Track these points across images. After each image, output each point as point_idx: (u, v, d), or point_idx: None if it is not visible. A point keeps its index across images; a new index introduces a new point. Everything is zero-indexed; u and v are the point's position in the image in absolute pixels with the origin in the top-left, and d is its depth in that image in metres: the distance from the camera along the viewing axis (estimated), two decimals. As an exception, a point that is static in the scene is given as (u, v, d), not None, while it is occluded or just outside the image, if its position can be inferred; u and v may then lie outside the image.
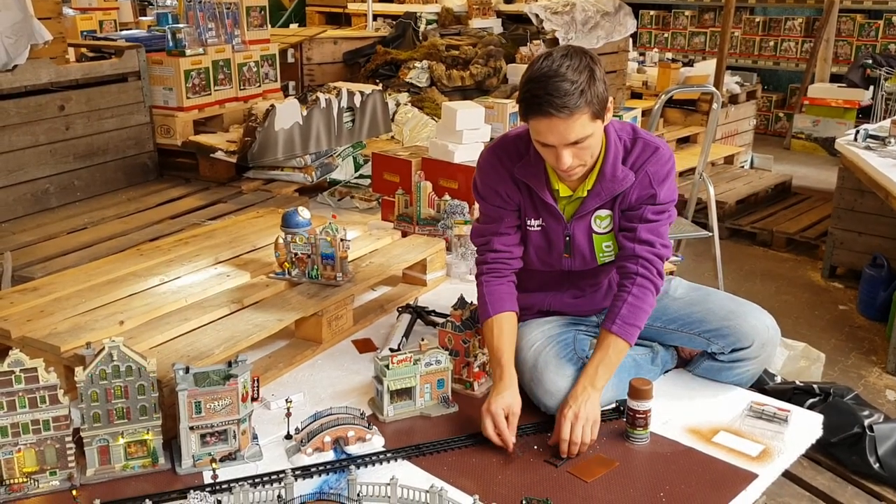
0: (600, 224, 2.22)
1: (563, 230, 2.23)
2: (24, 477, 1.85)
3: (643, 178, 2.15)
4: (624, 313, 2.15)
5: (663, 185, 2.16)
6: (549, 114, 1.94)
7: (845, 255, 4.76)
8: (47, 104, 4.22)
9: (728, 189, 6.01)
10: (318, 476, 1.93)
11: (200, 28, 4.92)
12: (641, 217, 2.18)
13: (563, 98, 1.91)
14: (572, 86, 1.92)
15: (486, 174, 2.26)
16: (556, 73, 1.93)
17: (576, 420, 2.02)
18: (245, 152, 4.50)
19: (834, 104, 8.02)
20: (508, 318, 2.23)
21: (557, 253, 2.27)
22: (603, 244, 2.24)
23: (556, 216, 2.22)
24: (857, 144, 4.46)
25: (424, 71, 6.15)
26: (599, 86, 1.97)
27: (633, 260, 2.18)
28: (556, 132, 1.97)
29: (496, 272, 2.28)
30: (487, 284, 2.27)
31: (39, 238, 3.78)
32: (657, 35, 9.96)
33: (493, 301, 2.24)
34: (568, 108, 1.92)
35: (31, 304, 2.47)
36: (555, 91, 1.92)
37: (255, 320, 2.43)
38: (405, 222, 3.42)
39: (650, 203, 2.17)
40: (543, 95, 1.92)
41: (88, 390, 1.87)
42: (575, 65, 1.94)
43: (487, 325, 2.22)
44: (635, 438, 2.09)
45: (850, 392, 2.83)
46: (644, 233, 2.17)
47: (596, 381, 2.10)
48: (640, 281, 2.17)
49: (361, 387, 2.37)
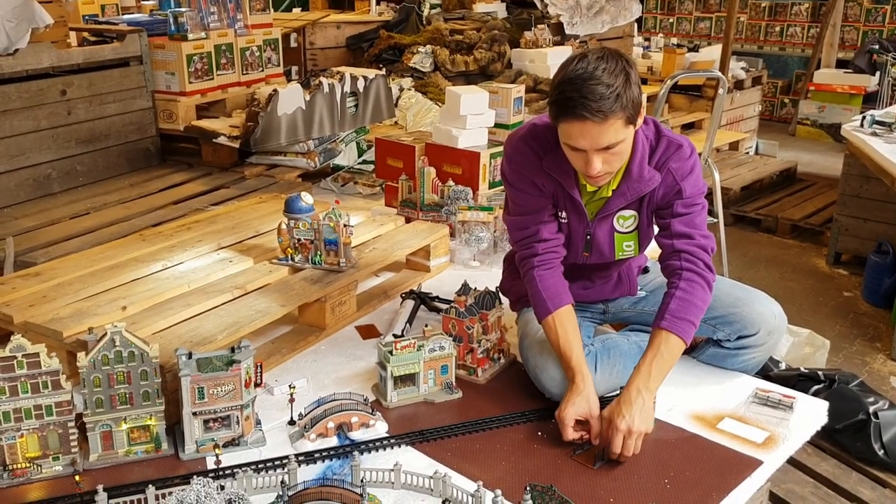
0: (623, 223, 2.18)
1: (585, 228, 2.18)
2: (27, 462, 1.85)
3: (667, 176, 2.09)
4: (673, 308, 2.05)
5: (688, 179, 2.10)
6: (582, 117, 1.86)
7: (850, 242, 4.74)
8: (49, 89, 4.20)
9: (733, 175, 5.98)
10: (322, 462, 1.93)
11: (203, 12, 4.89)
12: (673, 213, 2.12)
13: (599, 102, 1.83)
14: (608, 89, 1.84)
15: (519, 164, 2.15)
16: (591, 75, 1.84)
17: (629, 434, 1.93)
18: (248, 137, 4.48)
19: (840, 90, 7.98)
20: (569, 312, 2.14)
21: (577, 250, 2.23)
22: (624, 243, 2.21)
23: (579, 213, 2.16)
24: (863, 130, 4.44)
25: (428, 56, 6.12)
26: (634, 90, 1.89)
27: (675, 256, 2.12)
28: (588, 137, 1.90)
29: (548, 264, 2.17)
30: (542, 279, 2.15)
31: (42, 223, 3.77)
32: (662, 20, 9.90)
33: (551, 296, 2.13)
34: (603, 112, 1.84)
35: (34, 289, 2.46)
36: (590, 94, 1.84)
37: (257, 306, 2.43)
38: (409, 208, 3.41)
39: (677, 198, 2.11)
40: (578, 98, 1.84)
41: (91, 376, 1.86)
42: (611, 68, 1.86)
43: (549, 323, 2.12)
44: None
45: (854, 379, 2.82)
46: (679, 226, 2.11)
47: (650, 382, 1.99)
48: (685, 275, 2.08)
49: (365, 373, 2.37)
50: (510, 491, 1.75)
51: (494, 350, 2.38)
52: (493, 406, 2.19)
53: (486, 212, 3.20)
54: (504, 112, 4.05)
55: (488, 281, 2.58)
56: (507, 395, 2.26)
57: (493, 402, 2.22)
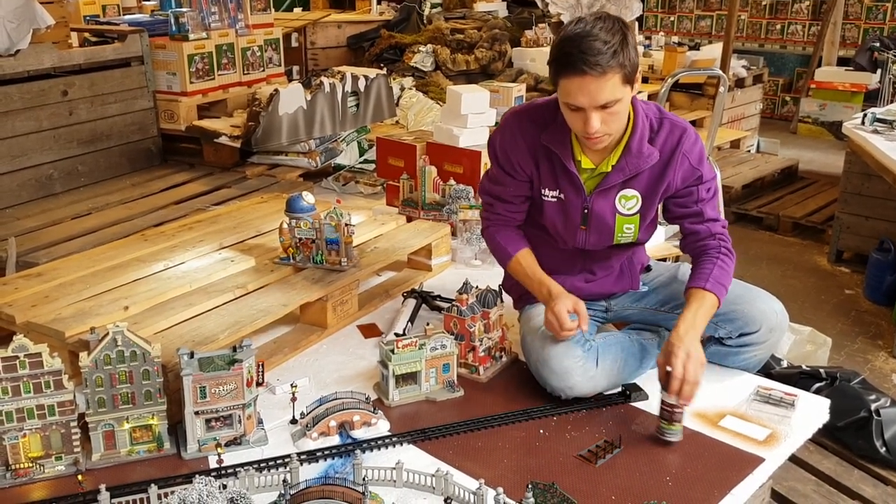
0: (625, 204, 2.21)
1: (583, 202, 2.21)
2: (29, 462, 1.86)
3: (682, 161, 2.16)
4: (716, 273, 2.17)
5: (703, 163, 2.20)
6: (582, 71, 1.93)
7: (852, 240, 4.73)
8: (50, 89, 4.21)
9: (734, 173, 5.97)
10: (324, 460, 1.93)
11: (204, 12, 4.90)
12: (698, 199, 2.22)
13: (597, 56, 1.92)
14: (605, 45, 1.92)
15: (505, 138, 2.25)
16: (588, 33, 1.94)
17: (688, 359, 2.01)
18: (249, 137, 4.49)
19: (841, 88, 7.96)
20: (529, 253, 2.31)
21: (574, 225, 2.25)
22: (624, 225, 2.23)
23: (576, 186, 2.20)
24: (864, 128, 4.43)
25: (429, 55, 6.12)
26: (631, 51, 1.97)
27: (711, 237, 2.23)
28: (586, 92, 1.96)
29: (506, 221, 2.35)
30: (499, 232, 2.35)
31: (44, 224, 3.78)
32: (663, 18, 9.89)
33: (509, 243, 2.32)
34: (601, 65, 1.92)
35: (36, 289, 2.47)
36: (588, 49, 1.92)
37: (259, 305, 2.43)
38: (410, 207, 3.41)
39: (698, 183, 2.20)
40: (577, 53, 1.93)
41: (93, 375, 1.87)
42: (608, 27, 1.95)
43: (514, 261, 2.30)
44: (669, 434, 2.01)
45: (856, 376, 2.82)
46: (710, 211, 2.24)
47: (696, 324, 2.10)
48: (724, 251, 2.21)
49: (367, 371, 2.37)
50: (512, 489, 1.75)
51: (496, 348, 2.38)
52: (495, 404, 2.19)
53: (488, 211, 3.20)
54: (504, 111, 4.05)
55: (490, 279, 2.58)
56: (508, 393, 2.26)
57: (495, 400, 2.22)
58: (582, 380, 2.15)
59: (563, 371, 2.14)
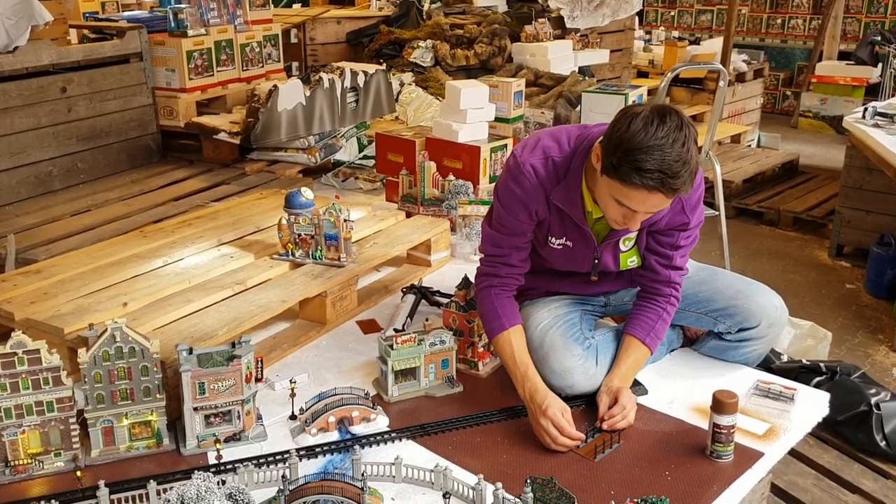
0: (626, 244, 2.19)
1: (593, 252, 2.18)
2: (28, 458, 1.86)
3: (675, 204, 2.05)
4: (657, 328, 2.20)
5: (695, 210, 2.12)
6: (654, 190, 1.81)
7: (852, 234, 4.73)
8: (49, 86, 4.20)
9: (735, 168, 5.97)
10: (323, 456, 1.93)
11: (202, 8, 4.89)
12: (674, 244, 2.15)
13: (676, 180, 1.79)
14: (684, 168, 1.79)
15: (522, 189, 2.07)
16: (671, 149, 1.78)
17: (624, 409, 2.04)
18: (248, 133, 4.48)
19: (842, 82, 7.95)
20: (520, 331, 2.17)
21: (582, 270, 2.24)
22: (628, 260, 2.22)
23: (586, 239, 2.15)
24: (865, 122, 4.42)
25: (428, 50, 6.11)
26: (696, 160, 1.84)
27: (667, 285, 2.21)
28: (648, 204, 1.87)
29: (506, 287, 2.19)
30: (498, 297, 2.17)
31: (43, 221, 3.78)
32: (663, 13, 9.87)
33: (506, 314, 2.15)
34: (676, 190, 1.82)
35: (35, 286, 2.47)
36: (669, 171, 1.78)
37: (258, 301, 2.43)
38: (409, 203, 3.40)
39: (683, 229, 2.13)
40: (656, 173, 1.78)
41: (91, 372, 1.87)
42: (683, 138, 1.79)
43: (505, 337, 2.14)
44: (725, 456, 1.93)
45: (856, 370, 2.82)
46: (679, 259, 2.19)
47: (627, 375, 2.16)
48: (672, 301, 2.22)
49: (366, 367, 2.37)
50: (511, 484, 1.75)
51: (495, 344, 2.38)
52: (494, 400, 2.19)
53: (487, 206, 3.19)
54: (504, 106, 4.05)
55: (489, 275, 2.57)
56: (507, 388, 2.25)
57: (494, 395, 2.22)
58: (582, 378, 2.15)
59: (564, 370, 2.14)
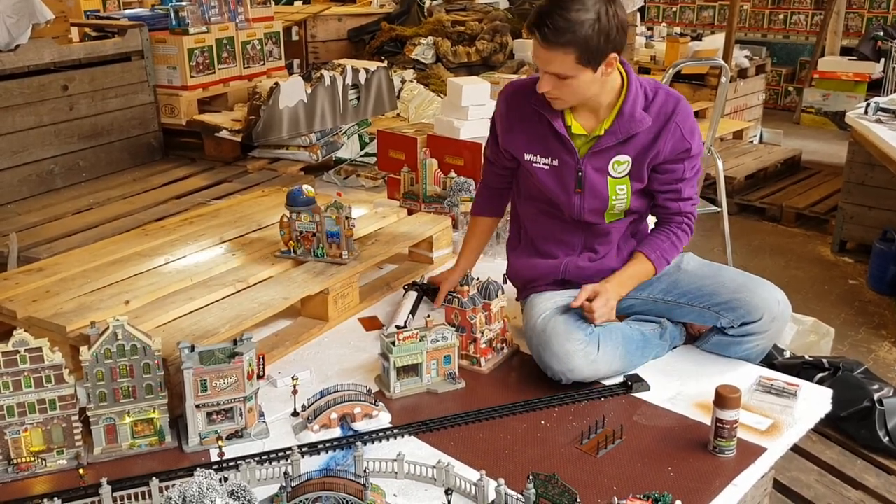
0: (617, 168, 2.24)
1: (576, 165, 2.24)
2: (31, 456, 1.86)
3: (675, 131, 2.18)
4: (665, 247, 2.30)
5: (694, 136, 2.21)
6: (534, 36, 2.01)
7: (855, 230, 4.72)
8: (51, 84, 4.21)
9: (737, 164, 5.96)
10: (325, 453, 1.93)
11: (203, 6, 4.89)
12: (681, 176, 2.26)
13: (551, 31, 1.96)
14: (567, 23, 1.94)
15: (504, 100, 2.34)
16: (563, 4, 1.95)
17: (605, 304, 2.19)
18: (250, 131, 4.49)
19: (844, 77, 7.93)
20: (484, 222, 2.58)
21: (568, 189, 2.27)
22: (617, 187, 2.26)
23: (568, 149, 2.23)
24: (867, 118, 4.41)
25: (430, 47, 6.11)
26: (598, 37, 1.97)
27: (678, 214, 2.33)
28: (538, 55, 2.06)
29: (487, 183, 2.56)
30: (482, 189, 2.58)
31: (45, 219, 3.79)
32: (665, 9, 9.86)
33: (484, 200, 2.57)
34: (548, 41, 1.97)
35: (37, 284, 2.47)
36: (549, 20, 1.95)
37: (260, 299, 2.43)
38: (411, 200, 3.40)
39: (685, 157, 2.22)
40: (539, 17, 1.97)
41: (94, 369, 1.87)
42: (588, 5, 1.95)
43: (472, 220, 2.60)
44: (728, 450, 1.93)
45: (859, 366, 2.81)
46: (688, 189, 2.29)
47: (625, 282, 2.28)
48: (684, 227, 2.33)
49: (368, 364, 2.37)
50: (513, 480, 1.75)
51: (497, 340, 2.38)
52: (496, 396, 2.19)
53: (489, 203, 3.19)
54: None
55: (491, 271, 2.57)
56: (510, 384, 2.26)
57: (496, 391, 2.22)
58: (583, 363, 2.15)
59: (565, 354, 2.14)
